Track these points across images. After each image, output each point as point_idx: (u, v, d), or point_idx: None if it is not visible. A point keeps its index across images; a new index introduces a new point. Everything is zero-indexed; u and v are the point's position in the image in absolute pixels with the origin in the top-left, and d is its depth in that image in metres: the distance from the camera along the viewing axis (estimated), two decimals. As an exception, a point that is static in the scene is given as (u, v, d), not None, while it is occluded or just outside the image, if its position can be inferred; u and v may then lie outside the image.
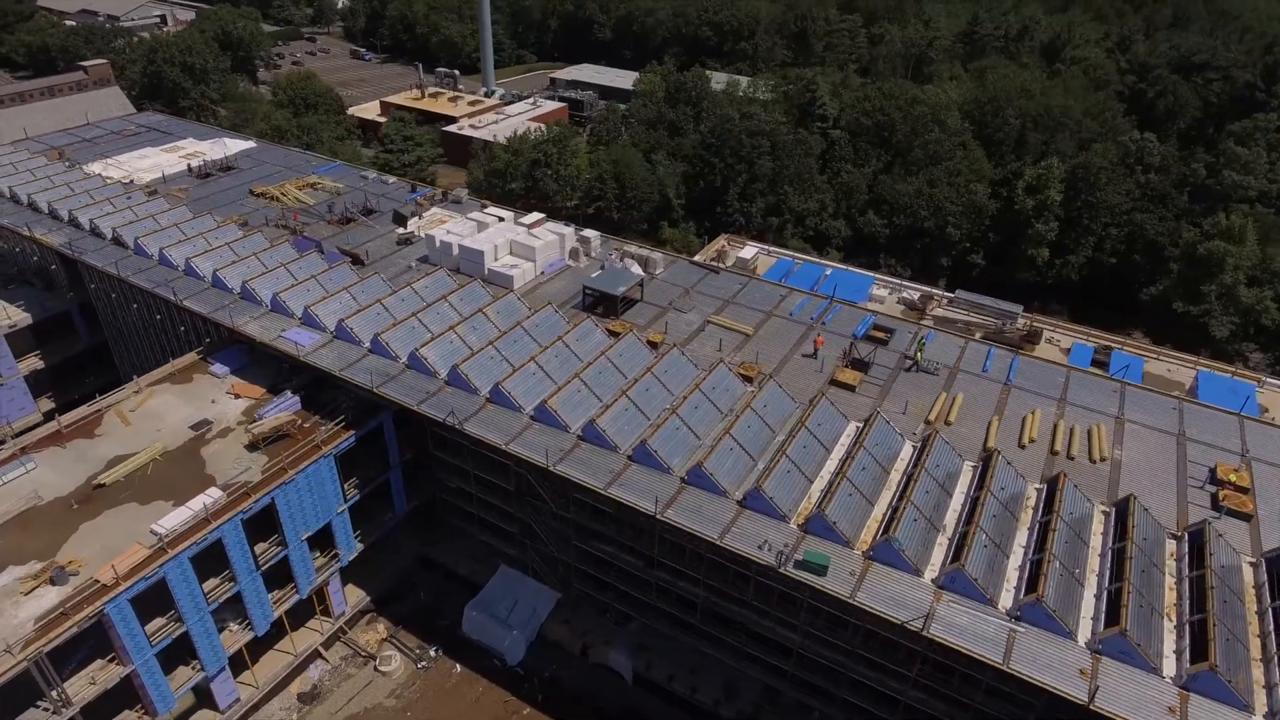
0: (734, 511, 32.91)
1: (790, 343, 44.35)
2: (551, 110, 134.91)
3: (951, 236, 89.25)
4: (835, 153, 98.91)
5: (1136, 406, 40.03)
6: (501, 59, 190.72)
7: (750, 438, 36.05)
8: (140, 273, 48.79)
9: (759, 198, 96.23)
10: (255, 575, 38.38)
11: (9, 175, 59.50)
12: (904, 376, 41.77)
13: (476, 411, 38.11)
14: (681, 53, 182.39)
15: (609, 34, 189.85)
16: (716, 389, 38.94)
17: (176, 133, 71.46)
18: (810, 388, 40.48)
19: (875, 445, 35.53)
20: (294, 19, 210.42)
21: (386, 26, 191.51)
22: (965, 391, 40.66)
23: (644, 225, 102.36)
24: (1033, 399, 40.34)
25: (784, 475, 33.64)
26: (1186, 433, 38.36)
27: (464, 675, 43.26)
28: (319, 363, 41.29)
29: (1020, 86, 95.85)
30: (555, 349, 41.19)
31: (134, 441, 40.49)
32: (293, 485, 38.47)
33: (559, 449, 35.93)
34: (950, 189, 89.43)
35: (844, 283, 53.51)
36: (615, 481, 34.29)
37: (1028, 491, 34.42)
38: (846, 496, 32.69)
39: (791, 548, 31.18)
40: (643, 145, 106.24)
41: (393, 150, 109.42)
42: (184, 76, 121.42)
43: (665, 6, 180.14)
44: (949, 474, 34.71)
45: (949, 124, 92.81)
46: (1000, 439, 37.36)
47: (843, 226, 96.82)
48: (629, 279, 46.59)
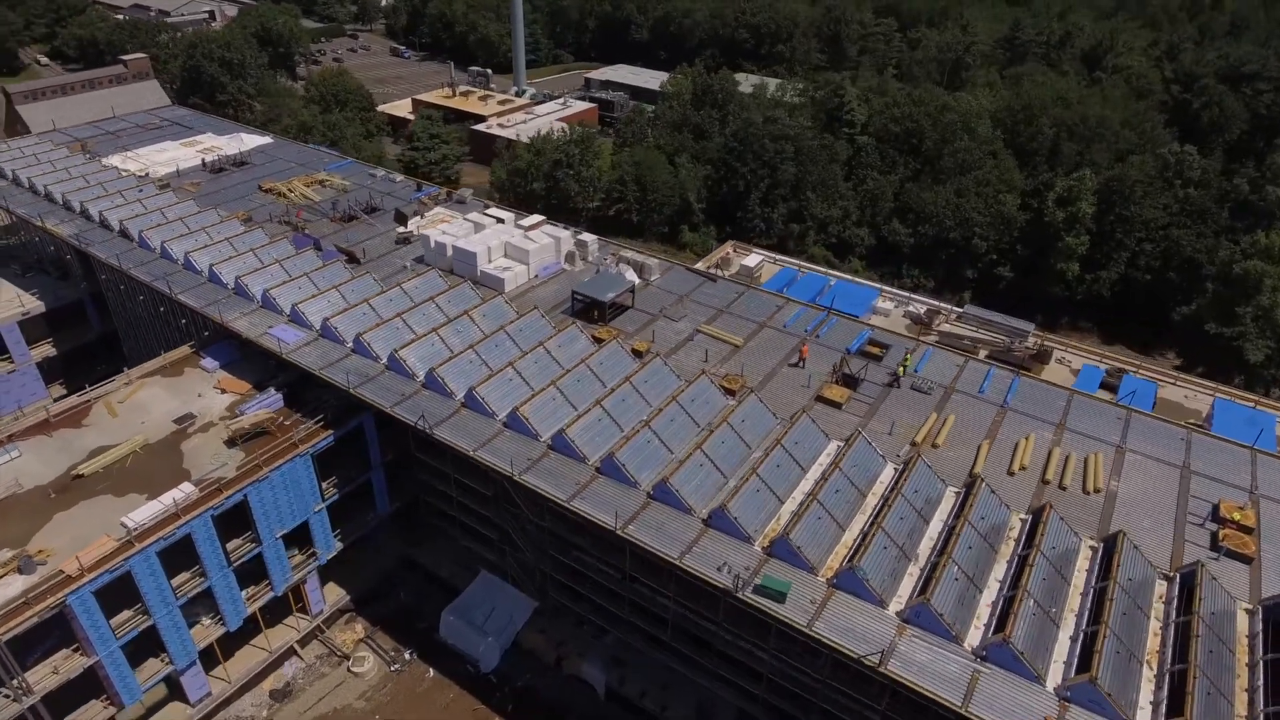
0: (698, 530, 31.87)
1: (780, 355, 43.08)
2: (581, 110, 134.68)
3: (978, 248, 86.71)
4: (861, 159, 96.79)
5: (1141, 435, 37.94)
6: (538, 59, 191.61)
7: (724, 454, 34.95)
8: (141, 265, 49.47)
9: (781, 203, 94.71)
10: (227, 571, 38.44)
11: (30, 166, 60.99)
12: (894, 395, 40.23)
13: (449, 416, 37.65)
14: (718, 54, 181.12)
15: (646, 35, 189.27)
16: (695, 401, 37.91)
17: (197, 127, 72.67)
18: (795, 403, 39.19)
19: (853, 467, 34.16)
20: (338, 16, 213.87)
21: (426, 24, 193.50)
22: (958, 413, 38.98)
23: (664, 228, 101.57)
24: (1029, 423, 38.50)
25: (752, 494, 32.50)
26: (1192, 465, 36.21)
27: (436, 680, 42.88)
28: (300, 361, 41.28)
29: (1056, 95, 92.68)
30: (535, 355, 40.57)
31: (118, 433, 40.91)
32: (266, 483, 38.44)
33: (527, 458, 35.27)
34: (978, 199, 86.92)
35: (847, 294, 51.98)
36: (579, 494, 33.50)
37: (1011, 522, 32.74)
38: (815, 520, 31.41)
39: (753, 571, 30.05)
40: (667, 148, 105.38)
41: (419, 148, 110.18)
42: (222, 71, 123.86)
43: (702, 8, 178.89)
44: (928, 500, 33.19)
45: (979, 132, 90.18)
46: (988, 465, 35.67)
47: (866, 235, 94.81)
48: (619, 285, 45.76)
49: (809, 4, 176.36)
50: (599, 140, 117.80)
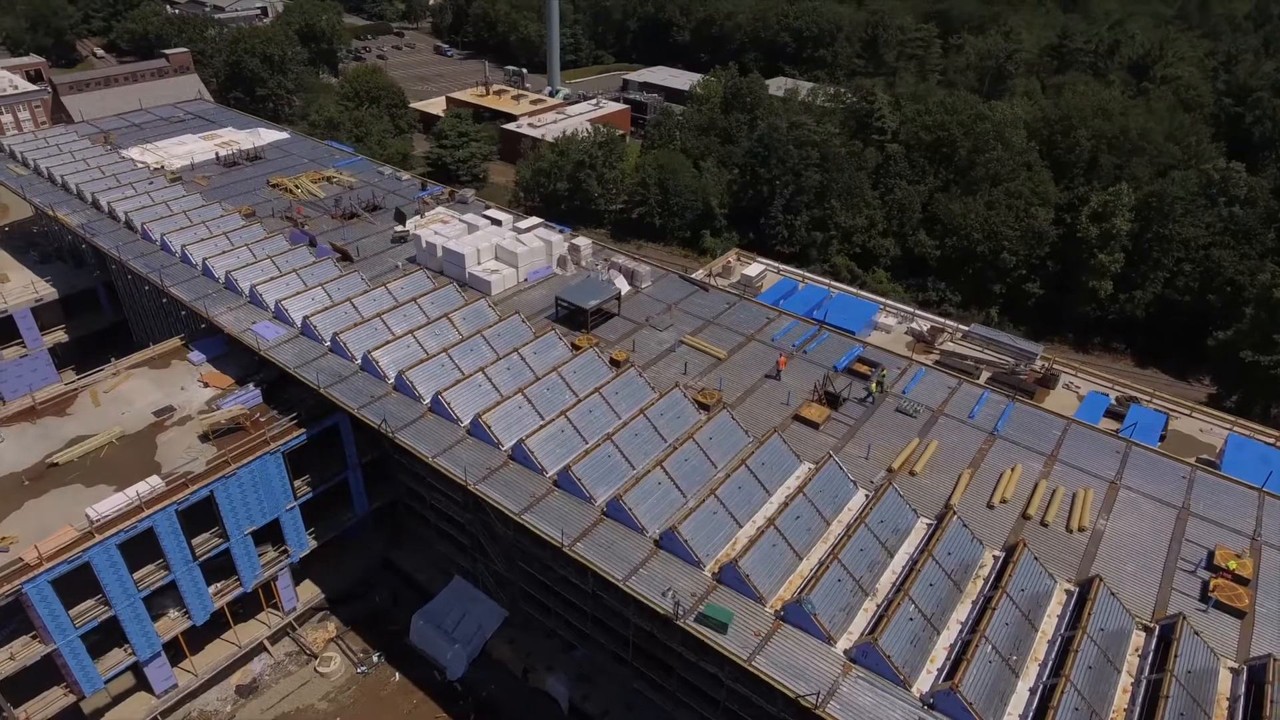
0: (648, 551, 30.72)
1: (763, 370, 41.60)
2: (614, 112, 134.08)
3: (1006, 262, 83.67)
4: (890, 168, 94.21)
5: (1139, 471, 35.58)
6: (579, 59, 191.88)
7: (686, 471, 33.73)
8: (141, 257, 50.19)
9: (804, 210, 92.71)
10: (193, 566, 38.53)
11: (53, 156, 62.59)
12: (877, 417, 38.49)
13: (414, 420, 37.13)
14: (760, 58, 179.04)
15: (688, 37, 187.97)
16: (665, 415, 36.74)
17: (219, 121, 73.87)
18: (771, 421, 37.75)
19: (819, 492, 32.63)
20: (386, 14, 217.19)
21: (470, 24, 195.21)
22: (942, 438, 37.09)
23: (686, 233, 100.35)
24: (1018, 453, 36.43)
25: (708, 516, 31.24)
26: (1191, 506, 33.79)
27: (401, 685, 42.47)
28: (278, 358, 41.24)
29: (1097, 105, 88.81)
30: (509, 360, 39.86)
31: (98, 423, 41.41)
32: (234, 479, 38.43)
33: (486, 466, 34.54)
34: (1009, 211, 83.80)
35: (846, 308, 50.23)
36: (532, 507, 32.63)
37: (983, 559, 30.88)
38: (770, 547, 30.01)
39: (699, 598, 28.81)
40: (694, 151, 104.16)
41: (446, 145, 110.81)
42: (263, 67, 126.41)
43: (745, 10, 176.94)
44: (895, 531, 31.51)
45: (1013, 142, 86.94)
46: (967, 496, 33.79)
47: (892, 245, 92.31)
48: (604, 292, 44.81)
49: (854, 7, 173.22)
50: (625, 144, 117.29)
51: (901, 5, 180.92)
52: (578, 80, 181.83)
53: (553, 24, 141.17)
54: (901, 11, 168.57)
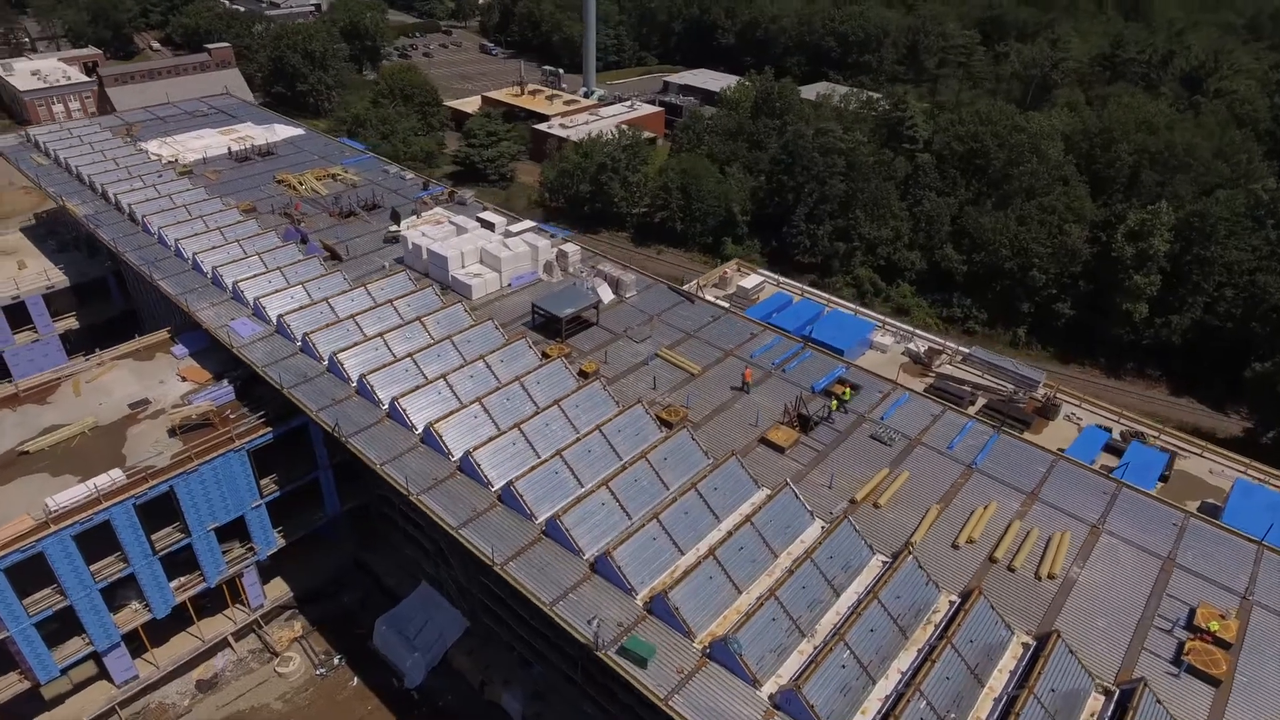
0: (582, 575, 29.57)
1: (740, 391, 40.04)
2: (647, 114, 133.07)
3: (1035, 280, 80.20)
4: (919, 178, 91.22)
5: (1126, 515, 33.08)
6: (622, 60, 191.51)
7: (635, 493, 32.45)
8: (138, 249, 50.96)
9: (828, 220, 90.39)
10: (153, 560, 38.72)
11: (73, 147, 64.25)
12: (848, 444, 36.62)
13: (369, 425, 36.61)
14: (803, 62, 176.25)
15: (732, 40, 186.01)
16: (623, 432, 35.51)
17: (240, 116, 75.03)
18: (735, 442, 36.22)
19: (770, 521, 31.05)
20: (436, 12, 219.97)
21: (515, 23, 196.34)
22: (915, 469, 35.08)
23: (709, 239, 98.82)
24: (995, 489, 34.23)
25: (647, 542, 29.93)
26: (1178, 557, 31.24)
27: (358, 689, 42.13)
28: (248, 355, 41.21)
29: (1142, 118, 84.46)
30: (474, 367, 39.09)
31: (75, 412, 42.00)
32: (196, 475, 38.51)
33: (432, 477, 33.82)
34: (1041, 227, 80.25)
35: (840, 325, 48.27)
36: (471, 522, 31.76)
37: (938, 603, 28.93)
38: (706, 578, 28.57)
39: (626, 628, 27.55)
40: (720, 156, 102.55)
41: (475, 144, 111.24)
42: (304, 63, 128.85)
43: (790, 14, 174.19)
44: (846, 567, 29.76)
45: (1049, 155, 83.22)
46: (931, 534, 31.79)
47: (918, 259, 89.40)
48: (582, 300, 43.78)
49: (902, 12, 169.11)
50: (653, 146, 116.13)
51: (951, 11, 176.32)
52: (619, 81, 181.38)
53: (589, 25, 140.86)
54: (950, 17, 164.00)
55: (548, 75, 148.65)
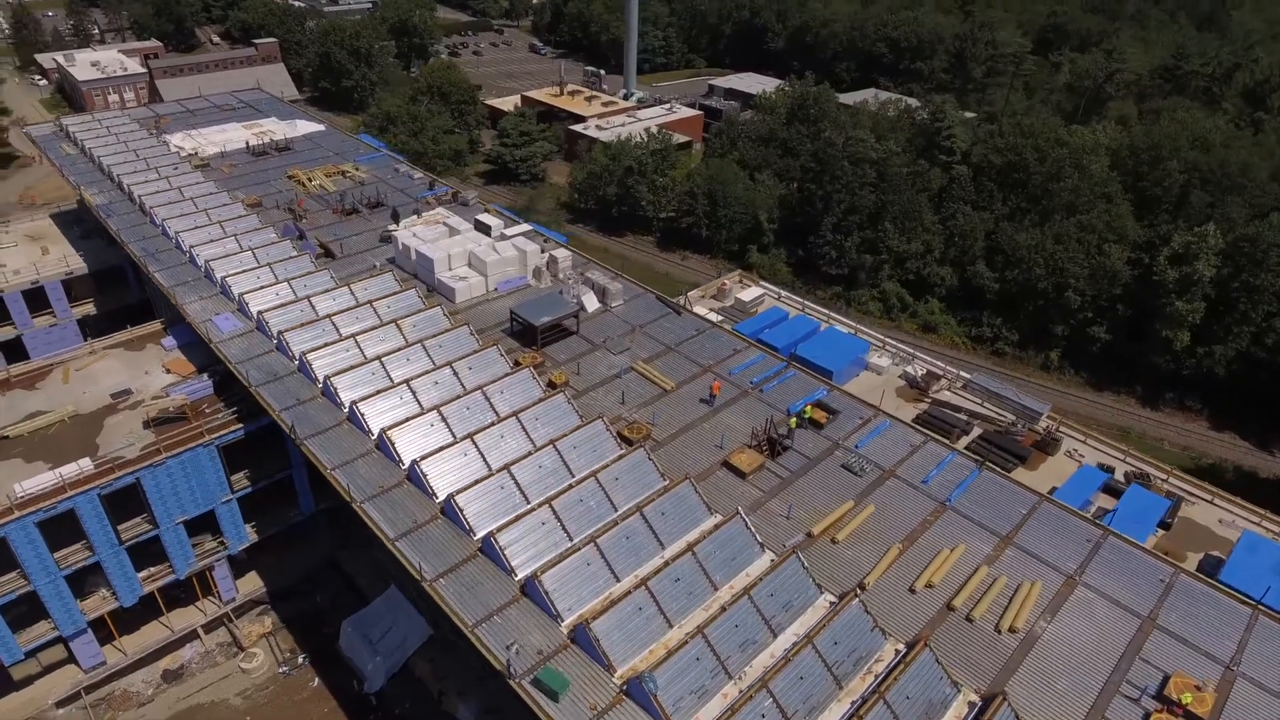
0: (511, 597, 28.56)
1: (708, 408, 38.54)
2: (686, 118, 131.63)
3: (1070, 302, 76.41)
4: (954, 191, 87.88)
5: (1107, 567, 30.59)
6: (670, 62, 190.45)
7: (579, 512, 31.31)
8: (141, 240, 51.87)
9: (856, 231, 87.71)
10: (119, 549, 39.10)
11: (99, 137, 66.03)
12: (816, 472, 34.80)
13: (328, 428, 36.25)
14: (853, 68, 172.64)
15: (782, 44, 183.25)
16: (579, 447, 34.37)
17: (266, 111, 76.22)
18: (696, 464, 34.80)
19: (714, 551, 29.56)
20: (489, 11, 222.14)
21: (565, 23, 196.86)
22: (883, 503, 33.11)
23: (735, 246, 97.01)
24: (967, 529, 32.05)
25: (580, 567, 28.75)
26: (1160, 616, 28.69)
27: (318, 691, 41.94)
28: (225, 351, 41.31)
29: (1195, 135, 79.64)
30: (440, 373, 38.43)
31: (59, 399, 42.79)
32: (164, 469, 38.77)
33: (380, 485, 33.23)
34: (1079, 246, 76.40)
35: (833, 344, 46.25)
36: (409, 534, 31.05)
37: (882, 652, 27.05)
38: (635, 609, 27.25)
39: (546, 656, 26.45)
40: (752, 162, 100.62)
41: (507, 144, 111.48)
42: (349, 59, 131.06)
43: (842, 19, 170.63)
44: (787, 606, 28.08)
45: (1092, 171, 79.10)
46: (888, 575, 29.85)
47: (949, 274, 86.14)
48: (561, 308, 42.81)
49: (958, 19, 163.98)
50: (688, 150, 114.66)
51: (1011, 18, 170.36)
52: (665, 83, 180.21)
53: (631, 27, 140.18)
54: (1009, 25, 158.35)
55: (589, 76, 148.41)
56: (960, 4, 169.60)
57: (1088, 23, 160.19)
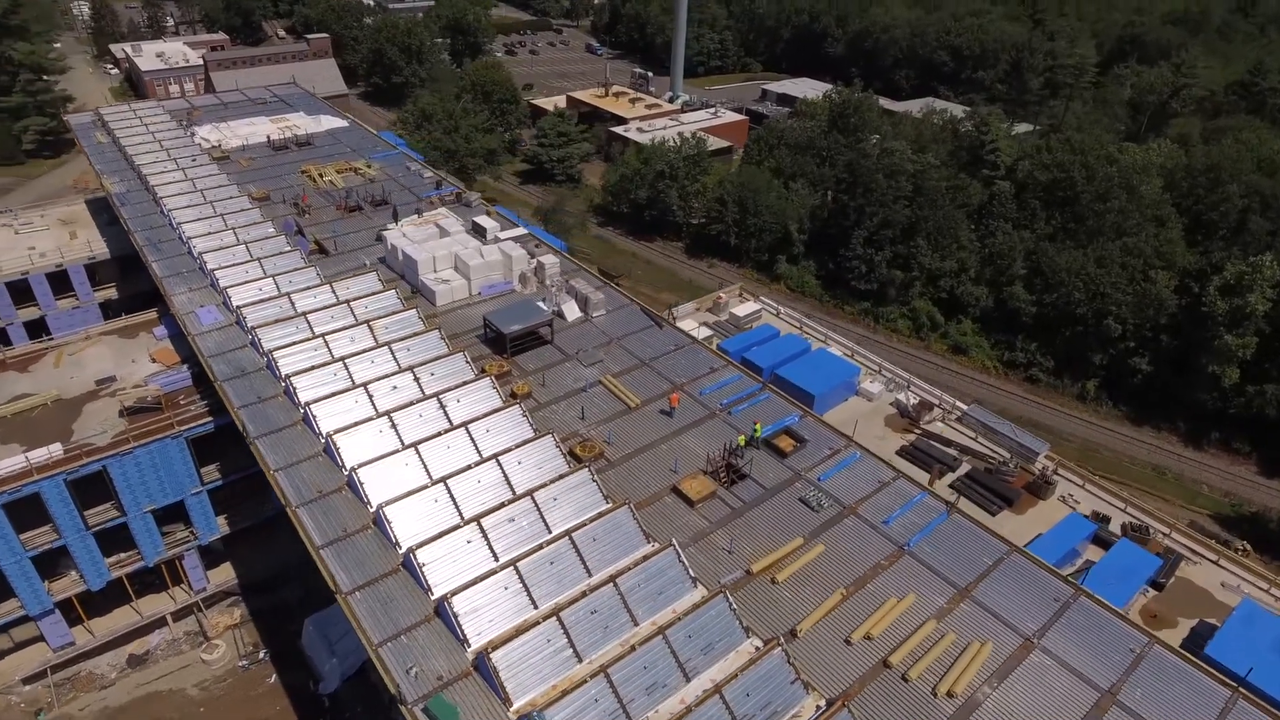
0: (423, 617, 27.64)
1: (673, 428, 36.99)
2: (730, 122, 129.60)
3: (1110, 330, 72.02)
4: (994, 208, 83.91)
5: (1073, 630, 27.97)
6: (726, 65, 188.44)
7: (509, 532, 30.19)
8: (148, 229, 52.97)
9: (888, 246, 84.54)
10: (85, 534, 39.73)
11: (129, 128, 67.99)
12: (770, 505, 32.90)
13: (282, 428, 36.00)
14: (913, 75, 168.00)
15: (841, 49, 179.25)
16: (524, 464, 33.27)
17: (296, 106, 77.45)
18: (645, 487, 33.37)
19: (639, 584, 28.07)
20: (550, 11, 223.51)
21: (623, 23, 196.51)
22: (836, 543, 31.07)
23: (764, 256, 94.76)
24: (922, 578, 29.76)
25: (497, 591, 27.63)
26: (1122, 692, 26.02)
27: (274, 687, 41.93)
28: (200, 344, 41.63)
29: (1262, 156, 74.02)
30: (401, 378, 37.85)
31: (47, 383, 43.80)
32: (131, 458, 39.23)
33: (318, 489, 32.77)
34: (1123, 271, 71.96)
35: (818, 366, 44.09)
36: (335, 543, 30.45)
37: (800, 708, 25.15)
38: (543, 641, 25.98)
39: (445, 683, 25.43)
40: (788, 170, 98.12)
41: (545, 144, 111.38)
42: (401, 56, 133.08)
43: (903, 24, 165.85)
44: (707, 649, 26.40)
45: (1143, 192, 74.35)
46: (825, 623, 27.86)
47: (984, 294, 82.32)
48: (534, 316, 41.82)
49: (1027, 27, 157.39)
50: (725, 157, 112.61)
51: (1085, 28, 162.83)
52: (718, 86, 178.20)
53: (679, 29, 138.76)
54: (1082, 35, 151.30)
55: (635, 78, 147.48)
56: (1029, 12, 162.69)
57: (1166, 34, 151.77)
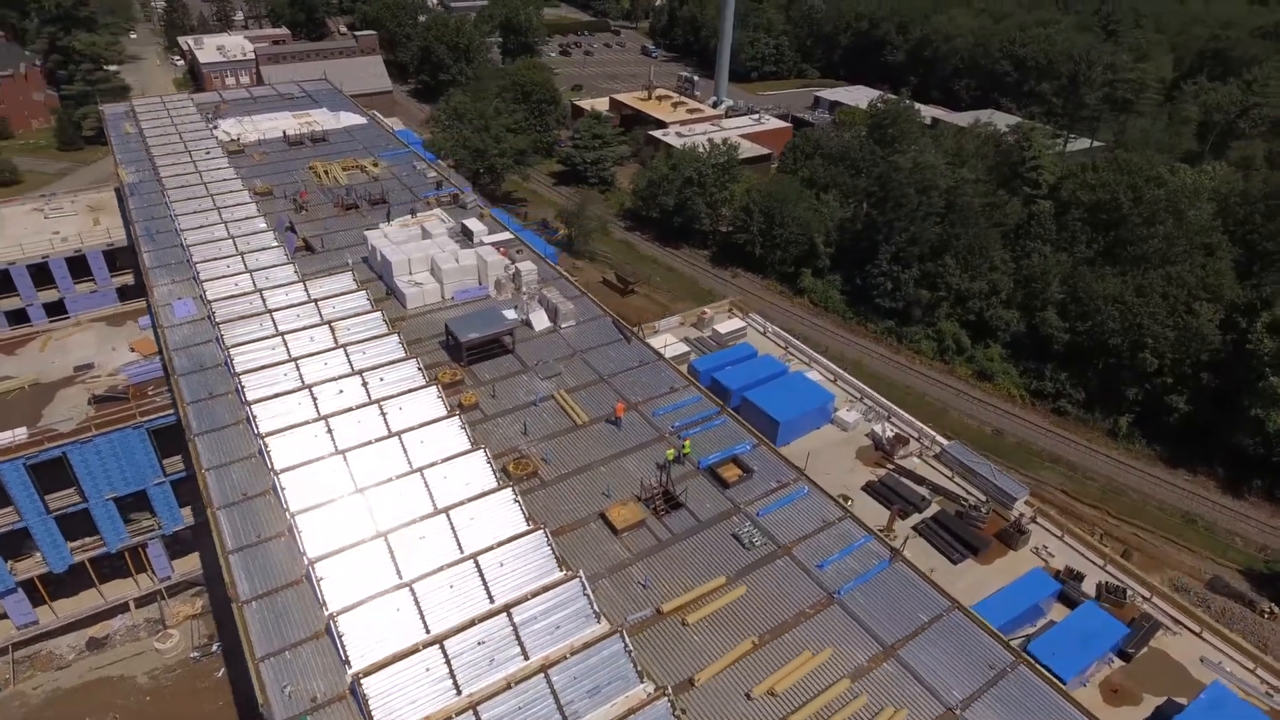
0: (313, 633, 26.90)
1: (618, 447, 35.52)
2: (775, 129, 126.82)
3: (1146, 364, 67.41)
4: (1032, 228, 79.71)
5: (1005, 704, 25.45)
6: (781, 70, 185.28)
7: (418, 549, 29.14)
8: (149, 220, 54.04)
9: (916, 264, 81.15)
10: (46, 517, 40.50)
11: (155, 119, 69.91)
12: (699, 540, 31.13)
13: (224, 426, 35.93)
14: (973, 86, 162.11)
15: (900, 57, 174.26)
16: (449, 478, 32.22)
17: (321, 102, 78.54)
18: (573, 511, 32.03)
19: (535, 615, 26.74)
20: (609, 12, 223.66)
21: (679, 26, 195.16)
22: (760, 586, 29.14)
23: (790, 268, 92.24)
24: (846, 631, 27.61)
25: (388, 611, 26.67)
26: (1045, 779, 23.52)
27: (220, 682, 42.11)
28: (167, 336, 41.99)
29: (1329, 184, 68.21)
30: (350, 381, 37.29)
31: (29, 367, 44.97)
32: (91, 446, 39.81)
33: (243, 492, 32.47)
34: (1163, 302, 67.33)
35: (792, 391, 41.94)
36: (247, 548, 29.98)
37: (680, 764, 23.48)
38: (421, 670, 24.90)
39: (314, 707, 24.61)
40: (821, 180, 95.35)
41: (579, 146, 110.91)
42: (448, 54, 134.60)
43: (965, 34, 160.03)
44: (593, 693, 24.88)
45: (1192, 219, 69.35)
46: (728, 672, 26.04)
47: (1015, 319, 78.29)
48: (494, 325, 40.85)
49: (1100, 38, 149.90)
50: (764, 165, 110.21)
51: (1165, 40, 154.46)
52: (771, 92, 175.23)
53: (725, 33, 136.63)
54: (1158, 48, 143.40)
55: (682, 81, 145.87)
56: (1103, 23, 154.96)
57: (1254, 49, 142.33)
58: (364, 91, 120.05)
